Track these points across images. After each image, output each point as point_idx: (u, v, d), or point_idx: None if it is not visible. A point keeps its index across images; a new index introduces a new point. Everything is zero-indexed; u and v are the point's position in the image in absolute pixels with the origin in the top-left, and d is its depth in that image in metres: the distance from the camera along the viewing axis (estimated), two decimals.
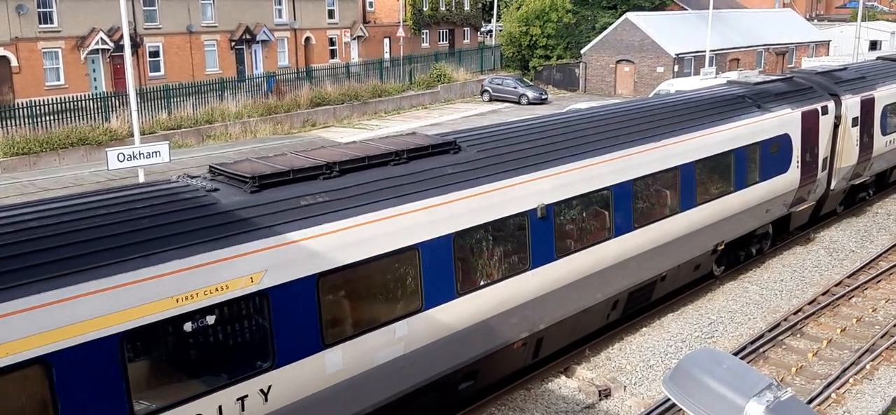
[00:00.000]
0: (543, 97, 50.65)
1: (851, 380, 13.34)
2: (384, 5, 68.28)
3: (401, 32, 57.22)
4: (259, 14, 51.45)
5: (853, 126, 21.17)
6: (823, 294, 17.16)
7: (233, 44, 50.14)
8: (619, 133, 14.50)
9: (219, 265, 8.44)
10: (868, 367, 13.73)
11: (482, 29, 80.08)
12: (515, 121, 15.33)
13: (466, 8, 74.29)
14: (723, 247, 17.19)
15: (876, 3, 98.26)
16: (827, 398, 12.76)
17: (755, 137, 17.31)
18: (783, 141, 18.24)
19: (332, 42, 58.84)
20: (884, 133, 22.87)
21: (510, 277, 11.81)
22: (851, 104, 21.09)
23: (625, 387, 13.38)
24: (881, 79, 23.28)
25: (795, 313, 16.15)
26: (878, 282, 17.88)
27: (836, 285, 17.67)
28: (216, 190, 9.45)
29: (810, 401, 12.54)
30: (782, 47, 60.32)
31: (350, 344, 9.68)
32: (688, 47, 51.93)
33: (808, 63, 51.94)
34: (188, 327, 8.24)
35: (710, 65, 42.83)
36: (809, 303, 16.68)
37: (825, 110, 19.83)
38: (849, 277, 18.16)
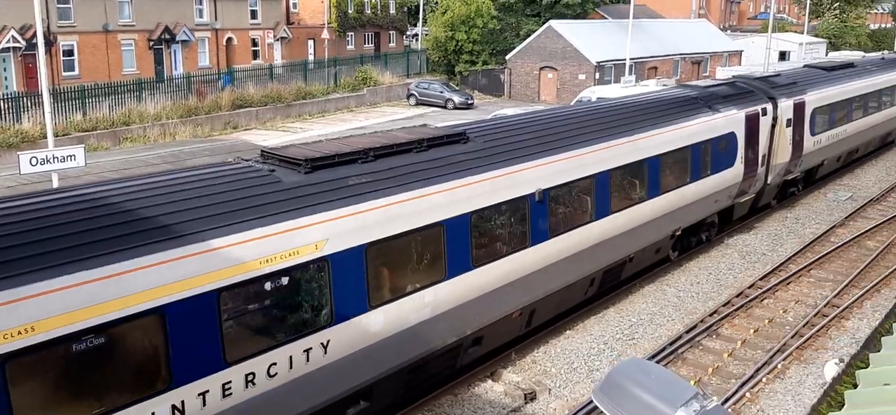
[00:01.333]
0: (469, 102, 51.02)
1: (764, 379, 13.89)
2: (308, 7, 67.53)
3: (325, 34, 56.71)
4: (179, 13, 50.17)
5: (787, 127, 23.10)
6: (737, 296, 17.81)
7: (151, 43, 48.73)
8: (600, 128, 16.18)
9: (292, 233, 9.75)
10: (780, 366, 14.32)
11: (408, 33, 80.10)
12: (512, 116, 17.38)
13: (392, 11, 74.18)
14: (679, 232, 19.12)
15: (784, 16, 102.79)
16: (741, 398, 13.25)
17: (707, 134, 19.18)
18: (730, 139, 20.14)
19: (254, 43, 57.85)
20: (812, 134, 24.99)
21: (513, 253, 13.30)
22: (786, 107, 23.02)
23: (550, 390, 13.59)
24: (810, 84, 25.41)
25: (711, 315, 16.71)
26: (787, 284, 18.67)
27: (749, 287, 18.35)
28: (274, 171, 10.72)
29: (726, 400, 13.00)
30: (698, 56, 62.40)
31: (390, 307, 11.09)
32: (608, 55, 53.15)
33: (722, 72, 53.82)
34: (268, 286, 9.53)
35: (630, 73, 43.93)
36: (724, 305, 17.28)
37: (765, 112, 21.79)
38: (761, 279, 18.89)
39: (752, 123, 21.06)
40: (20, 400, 7.47)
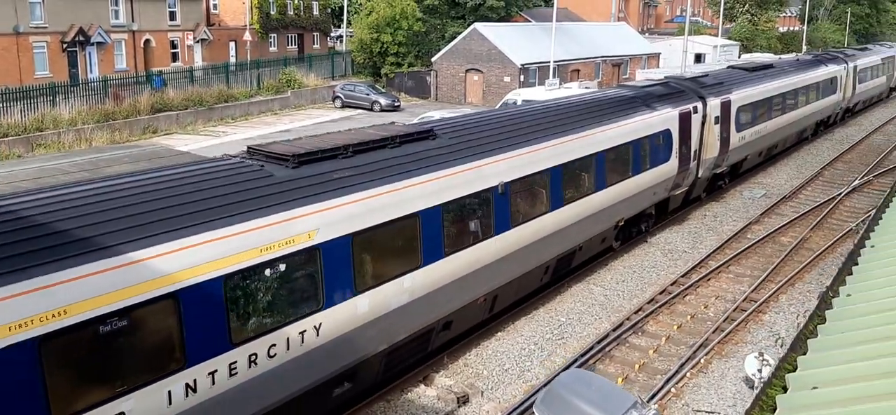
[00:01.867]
0: (396, 104, 50.93)
1: (688, 374, 14.32)
2: (229, 8, 66.19)
3: (247, 36, 55.66)
4: (94, 15, 48.41)
5: (715, 124, 24.66)
6: (661, 293, 18.31)
7: (65, 46, 46.87)
8: (554, 125, 17.23)
9: (287, 223, 10.44)
10: (702, 361, 14.79)
11: (332, 34, 79.42)
12: (474, 113, 18.51)
13: (316, 13, 73.44)
14: (622, 223, 20.26)
15: (700, 19, 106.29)
16: (667, 393, 13.63)
17: (646, 131, 20.45)
18: (666, 135, 21.45)
19: (173, 45, 56.33)
20: (737, 131, 26.64)
21: (479, 242, 14.13)
22: (714, 105, 24.54)
23: (482, 392, 13.69)
24: (735, 84, 27.12)
25: (636, 312, 17.14)
26: (708, 280, 19.31)
27: (672, 284, 18.90)
28: (263, 166, 11.35)
29: (652, 396, 13.35)
30: (618, 59, 63.89)
31: (373, 292, 11.82)
32: (533, 58, 53.88)
33: (642, 74, 55.29)
34: (268, 272, 10.17)
35: (554, 76, 44.64)
36: (649, 302, 17.75)
37: (696, 110, 23.25)
38: (683, 276, 19.48)
39: (685, 121, 22.42)
40: (53, 379, 8.01)
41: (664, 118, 21.37)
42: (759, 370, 12.66)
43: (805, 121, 36.26)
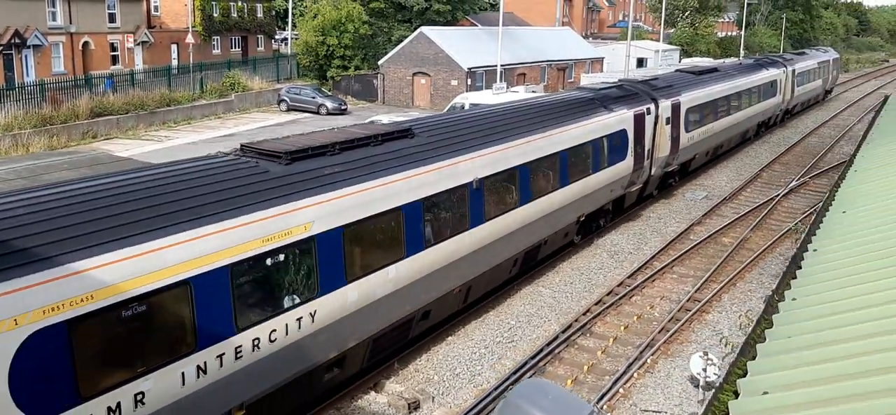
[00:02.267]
0: (343, 107, 50.61)
1: (636, 374, 14.57)
2: (171, 10, 64.92)
3: (190, 39, 54.63)
4: (30, 16, 46.96)
5: (667, 124, 25.83)
6: (608, 295, 18.60)
7: (0, 49, 45.39)
8: (522, 124, 18.07)
9: (285, 216, 11.05)
10: (649, 361, 15.06)
11: (277, 37, 78.54)
12: (448, 114, 19.29)
13: (260, 15, 72.55)
14: (583, 218, 21.33)
15: (641, 24, 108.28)
16: (615, 394, 13.84)
17: (605, 131, 21.47)
18: (622, 135, 22.52)
19: (113, 47, 54.99)
20: (686, 131, 27.90)
21: (456, 235, 14.91)
22: (665, 107, 25.71)
23: (433, 398, 13.70)
24: (684, 87, 28.43)
25: (585, 314, 17.36)
26: (653, 281, 19.67)
27: (618, 286, 19.20)
28: (258, 163, 11.93)
29: (601, 397, 13.54)
30: (563, 63, 64.66)
31: (361, 281, 12.46)
32: (479, 62, 54.16)
33: (586, 78, 56.07)
34: (268, 262, 10.82)
35: (501, 79, 44.95)
36: (596, 304, 18.00)
37: (649, 111, 24.39)
38: (629, 277, 19.81)
39: (639, 122, 23.55)
40: (81, 359, 8.55)
41: (620, 119, 22.43)
42: (704, 370, 12.94)
43: (748, 122, 37.88)
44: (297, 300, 11.30)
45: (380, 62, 57.68)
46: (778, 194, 28.38)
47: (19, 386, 8.01)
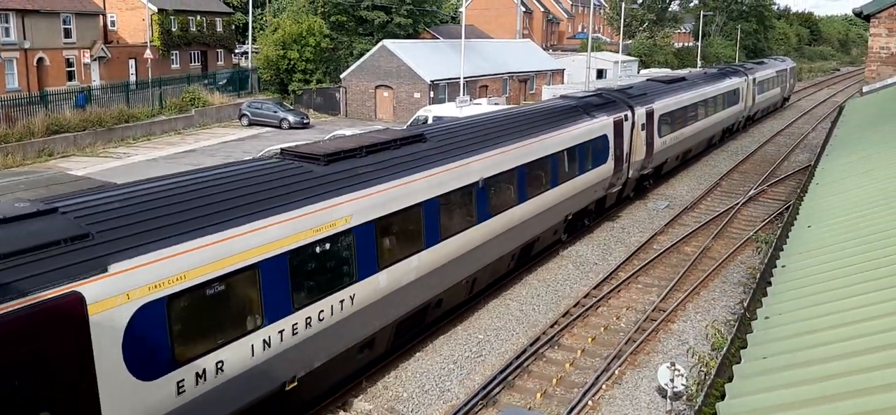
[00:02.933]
0: (305, 122, 50.31)
1: (604, 386, 14.64)
2: (128, 25, 64.02)
3: (148, 54, 53.86)
4: None
5: (642, 130, 27.46)
6: (574, 306, 18.69)
7: None
8: (518, 130, 19.59)
9: (331, 209, 12.50)
10: (617, 372, 15.16)
11: (237, 51, 77.86)
12: (453, 121, 20.67)
13: (219, 29, 71.87)
14: (571, 217, 22.94)
15: (600, 36, 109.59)
16: (585, 406, 13.89)
17: (589, 136, 23.07)
18: (603, 140, 24.21)
19: (69, 63, 54.00)
20: (660, 136, 29.53)
21: (466, 230, 16.42)
22: (641, 114, 27.36)
23: None
24: (657, 95, 30.13)
25: (552, 326, 17.42)
26: (619, 291, 19.84)
27: (584, 297, 19.32)
28: (301, 164, 13.46)
29: (571, 410, 13.58)
30: (524, 75, 65.13)
31: (390, 269, 13.85)
32: (442, 74, 54.29)
33: (548, 90, 56.52)
34: (318, 250, 12.23)
35: (464, 92, 45.08)
36: (563, 315, 18.08)
37: (627, 118, 26.11)
38: (594, 288, 19.95)
39: (618, 127, 25.27)
40: (175, 329, 9.86)
41: (602, 125, 24.12)
42: (672, 380, 13.06)
43: (714, 128, 39.73)
44: (341, 284, 12.73)
45: (342, 75, 57.50)
46: (738, 203, 28.86)
47: (130, 351, 9.30)
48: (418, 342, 16.28)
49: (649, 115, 28.16)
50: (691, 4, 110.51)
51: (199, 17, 68.25)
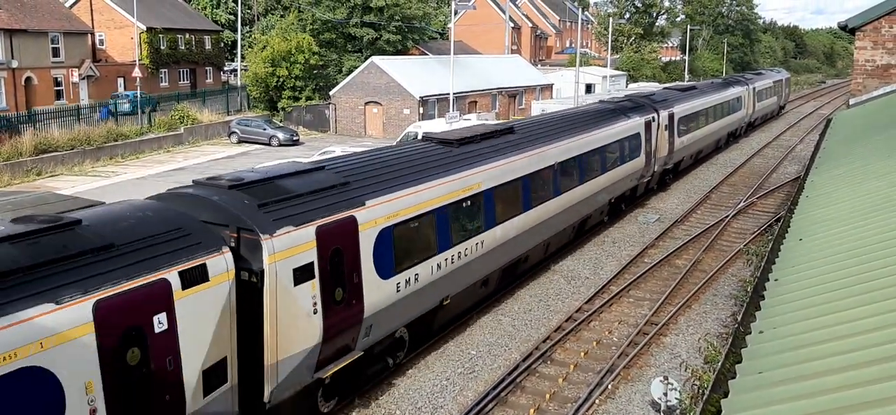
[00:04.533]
0: (295, 139, 50.23)
1: (597, 401, 14.61)
2: (117, 43, 63.90)
3: (137, 72, 53.69)
4: None
5: (665, 130, 31.81)
6: (567, 321, 18.68)
7: None
8: (577, 125, 24.28)
9: (470, 177, 17.19)
10: (610, 387, 15.13)
11: (226, 68, 77.81)
12: (532, 117, 26.94)
13: (208, 47, 71.83)
14: (613, 200, 27.29)
15: (588, 51, 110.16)
16: None
17: (627, 133, 27.56)
18: (637, 138, 28.59)
19: (57, 82, 53.81)
20: (679, 136, 34.04)
21: (544, 203, 20.87)
22: (664, 116, 31.74)
23: None
24: (675, 101, 34.41)
25: (545, 341, 17.39)
26: (611, 305, 19.83)
27: (576, 311, 19.30)
28: (441, 146, 18.02)
29: None
30: (513, 90, 65.34)
31: (502, 225, 18.54)
32: (432, 90, 54.38)
33: (537, 104, 56.70)
34: (465, 205, 16.90)
35: (454, 108, 45.15)
36: (556, 330, 18.06)
37: (654, 119, 30.53)
38: (586, 302, 19.93)
39: (648, 127, 29.70)
40: (396, 247, 14.35)
41: (636, 124, 28.55)
42: (665, 394, 13.05)
43: (721, 131, 44.44)
44: (475, 232, 17.23)
45: (331, 92, 57.51)
46: (727, 215, 28.97)
47: (376, 258, 13.79)
48: (409, 360, 16.22)
49: (671, 117, 32.47)
50: (678, 19, 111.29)
51: (187, 36, 68.19)
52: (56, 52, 53.49)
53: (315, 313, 12.14)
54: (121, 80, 59.78)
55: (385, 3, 65.63)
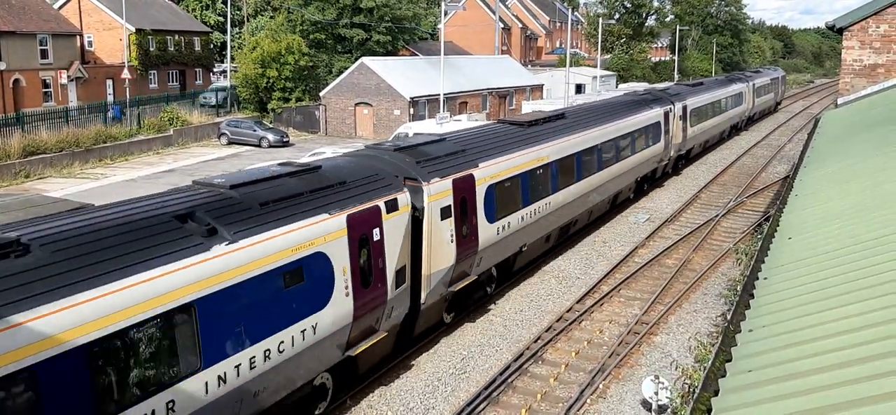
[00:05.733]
0: (285, 140, 50.08)
1: (589, 400, 14.64)
2: (105, 45, 63.56)
3: (126, 74, 53.43)
4: None
5: (679, 120, 35.85)
6: (558, 320, 18.70)
7: None
8: (614, 112, 28.57)
9: (540, 150, 21.18)
10: (601, 386, 15.16)
11: (215, 69, 77.50)
12: (578, 103, 33.31)
13: (198, 48, 71.55)
14: (639, 180, 31.52)
15: (578, 51, 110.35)
16: None
17: (651, 121, 31.81)
18: (658, 126, 32.61)
19: (46, 84, 53.48)
20: (691, 126, 38.29)
21: (589, 176, 24.56)
22: (679, 108, 35.96)
23: None
24: (687, 94, 38.67)
25: (536, 341, 17.41)
26: (601, 305, 19.88)
27: (567, 311, 19.33)
28: (514, 126, 21.83)
29: None
30: (504, 91, 65.34)
31: (563, 191, 22.50)
32: (422, 91, 54.32)
33: (527, 105, 56.74)
34: (537, 173, 20.84)
35: (444, 108, 45.14)
36: (547, 330, 18.08)
37: (671, 110, 34.58)
38: (577, 302, 19.97)
39: (667, 117, 33.70)
40: (497, 201, 18.38)
41: (657, 114, 32.58)
42: (656, 393, 13.09)
43: (725, 123, 48.83)
44: (545, 194, 21.17)
45: (321, 93, 57.37)
46: (717, 215, 29.08)
47: (484, 207, 17.85)
48: (400, 361, 16.21)
49: (684, 109, 36.59)
50: (667, 19, 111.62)
51: (177, 37, 67.90)
52: (44, 54, 53.18)
53: (451, 242, 16.43)
54: (110, 82, 59.49)
55: (375, 4, 65.59)
